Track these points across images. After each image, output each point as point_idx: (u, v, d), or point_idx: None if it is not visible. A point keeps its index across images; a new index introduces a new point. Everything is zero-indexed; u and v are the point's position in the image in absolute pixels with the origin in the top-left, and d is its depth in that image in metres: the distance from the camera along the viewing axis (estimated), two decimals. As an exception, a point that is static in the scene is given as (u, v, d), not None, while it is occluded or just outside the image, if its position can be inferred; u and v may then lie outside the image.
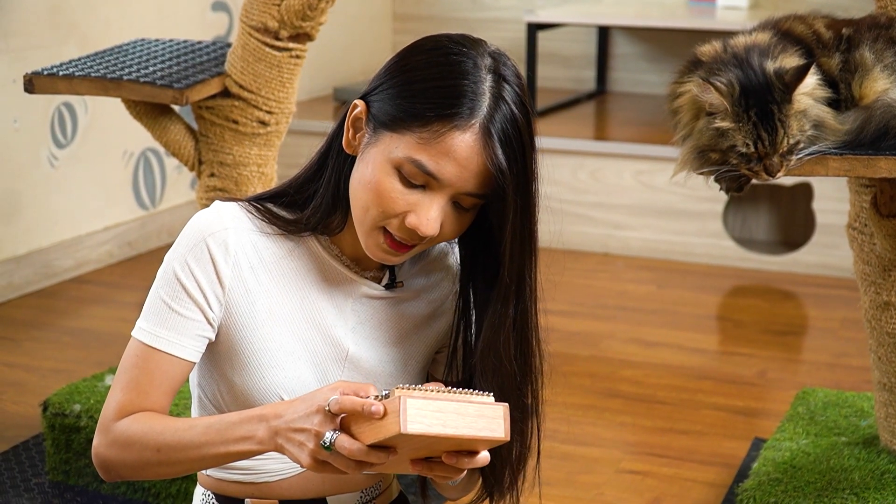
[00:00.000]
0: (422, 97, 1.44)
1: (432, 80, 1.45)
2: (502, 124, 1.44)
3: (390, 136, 1.46)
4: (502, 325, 1.51)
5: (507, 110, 1.45)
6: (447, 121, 1.43)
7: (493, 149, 1.43)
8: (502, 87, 1.45)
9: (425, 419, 1.30)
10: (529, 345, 1.53)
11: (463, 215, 1.49)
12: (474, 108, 1.43)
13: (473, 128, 1.43)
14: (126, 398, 1.50)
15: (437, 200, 1.46)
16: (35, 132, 4.05)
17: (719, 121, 1.95)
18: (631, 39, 5.55)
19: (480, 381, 1.53)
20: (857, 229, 2.39)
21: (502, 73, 1.46)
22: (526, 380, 1.54)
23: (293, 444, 1.38)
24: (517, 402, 1.52)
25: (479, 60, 1.46)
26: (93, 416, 2.70)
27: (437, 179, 1.44)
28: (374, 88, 1.50)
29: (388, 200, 1.46)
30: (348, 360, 1.58)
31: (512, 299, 1.50)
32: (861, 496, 2.33)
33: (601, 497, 2.79)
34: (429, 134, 1.43)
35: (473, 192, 1.46)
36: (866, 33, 2.07)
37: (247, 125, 2.68)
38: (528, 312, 1.52)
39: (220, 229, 1.52)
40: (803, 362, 3.69)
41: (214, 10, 4.82)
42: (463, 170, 1.44)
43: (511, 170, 1.44)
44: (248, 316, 1.53)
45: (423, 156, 1.43)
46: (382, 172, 1.46)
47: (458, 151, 1.43)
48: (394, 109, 1.46)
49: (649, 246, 4.59)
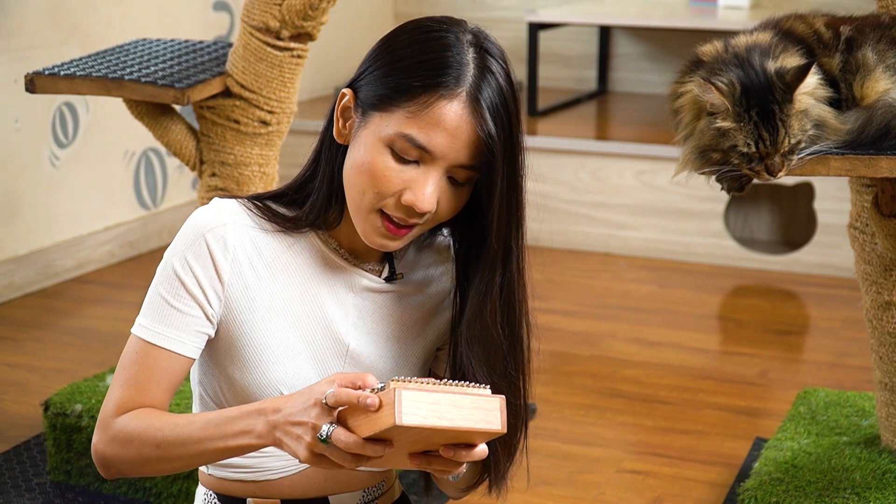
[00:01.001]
0: (408, 72, 1.46)
1: (416, 55, 1.47)
2: (489, 93, 1.46)
3: (380, 116, 1.47)
4: (489, 292, 1.52)
5: (493, 81, 1.47)
6: (433, 90, 1.44)
7: (482, 116, 1.45)
8: (486, 59, 1.47)
9: (420, 411, 1.29)
10: (516, 314, 1.54)
11: (457, 191, 1.50)
12: (459, 76, 1.45)
13: (461, 96, 1.45)
14: (125, 395, 1.50)
15: (431, 175, 1.47)
16: (36, 132, 4.05)
17: (720, 121, 1.95)
18: (632, 39, 5.55)
19: (466, 349, 1.53)
20: (859, 229, 2.39)
21: (485, 46, 1.49)
22: (512, 349, 1.55)
23: (291, 437, 1.38)
24: (503, 373, 1.53)
25: (460, 35, 1.48)
26: (94, 415, 2.70)
27: (429, 152, 1.45)
28: (360, 74, 1.53)
29: (382, 180, 1.47)
30: (349, 355, 1.58)
31: (499, 267, 1.52)
32: (862, 496, 2.33)
33: (602, 497, 2.79)
34: (417, 106, 1.45)
35: (466, 164, 1.47)
36: (868, 33, 2.07)
37: (248, 125, 2.69)
38: (514, 282, 1.53)
39: (219, 225, 1.52)
40: (805, 362, 3.69)
41: (216, 10, 4.82)
42: (454, 139, 1.45)
43: (499, 136, 1.46)
44: (247, 312, 1.53)
45: (414, 129, 1.45)
46: (375, 152, 1.47)
47: (448, 121, 1.44)
48: (381, 89, 1.48)
49: (650, 246, 4.59)
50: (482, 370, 1.52)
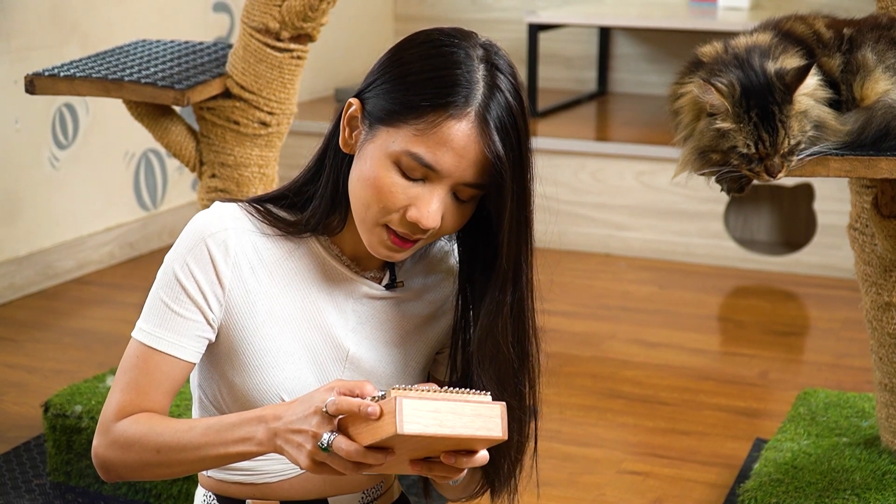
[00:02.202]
0: (416, 89, 1.45)
1: (425, 71, 1.46)
2: (498, 112, 1.45)
3: (387, 131, 1.46)
4: (500, 311, 1.51)
5: (501, 98, 1.45)
6: (442, 110, 1.43)
7: (490, 136, 1.44)
8: (496, 76, 1.46)
9: (421, 419, 1.29)
10: (526, 332, 1.54)
11: (463, 207, 1.50)
12: (469, 96, 1.44)
13: (469, 116, 1.44)
14: (126, 399, 1.50)
15: (436, 193, 1.46)
16: (36, 133, 4.05)
17: (720, 122, 1.95)
18: (632, 40, 5.55)
19: (478, 368, 1.53)
20: (859, 230, 2.39)
21: (495, 62, 1.47)
22: (523, 367, 1.55)
23: (292, 445, 1.38)
24: (514, 390, 1.53)
25: (471, 51, 1.47)
26: (94, 417, 2.70)
27: (435, 171, 1.45)
28: (368, 86, 1.51)
29: (388, 195, 1.46)
30: (349, 361, 1.58)
31: (509, 286, 1.51)
32: (862, 497, 2.33)
33: (603, 498, 2.79)
34: (424, 125, 1.44)
35: (472, 182, 1.46)
36: (868, 34, 2.07)
37: (248, 126, 2.69)
38: (524, 300, 1.53)
39: (220, 230, 1.52)
40: (805, 363, 3.69)
41: (216, 11, 4.82)
42: (461, 159, 1.44)
43: (508, 157, 1.45)
44: (248, 316, 1.53)
45: (421, 148, 1.44)
46: (381, 168, 1.46)
47: (455, 140, 1.43)
48: (389, 104, 1.46)
49: (651, 247, 4.59)
50: (493, 388, 1.51)
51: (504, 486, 1.57)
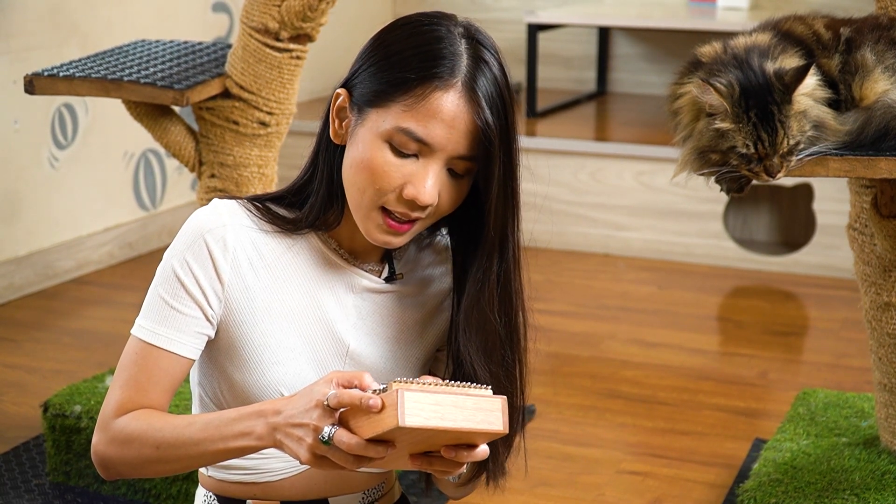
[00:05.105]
0: (401, 65, 1.47)
1: (409, 49, 1.48)
2: (484, 82, 1.47)
3: (376, 112, 1.48)
4: (486, 280, 1.53)
5: (487, 71, 1.47)
6: (428, 82, 1.45)
7: (479, 104, 1.45)
8: (479, 50, 1.48)
9: (423, 412, 1.30)
10: (513, 303, 1.55)
11: (458, 183, 1.51)
12: (454, 67, 1.46)
13: (456, 86, 1.45)
14: (125, 395, 1.51)
15: (431, 167, 1.47)
16: (35, 133, 4.05)
17: (719, 122, 1.95)
18: (631, 40, 5.55)
19: (464, 337, 1.54)
20: (858, 230, 2.39)
21: (476, 37, 1.50)
22: (510, 338, 1.55)
23: (292, 439, 1.38)
24: (500, 361, 1.54)
25: (451, 28, 1.49)
26: (93, 417, 2.70)
27: (427, 144, 1.46)
28: (354, 73, 1.53)
29: (382, 175, 1.47)
30: (349, 356, 1.58)
31: (496, 255, 1.53)
32: (862, 497, 2.33)
33: (602, 498, 2.79)
34: (413, 99, 1.45)
35: (464, 154, 1.47)
36: (867, 34, 2.07)
37: (247, 126, 2.69)
38: (510, 272, 1.54)
39: (219, 226, 1.52)
40: (804, 363, 3.69)
41: (215, 11, 4.82)
42: (451, 130, 1.45)
43: (496, 126, 1.46)
44: (247, 312, 1.53)
45: (411, 122, 1.45)
46: (374, 148, 1.47)
47: (445, 111, 1.45)
48: (376, 85, 1.48)
49: (650, 247, 4.59)
50: (480, 359, 1.53)
51: (499, 469, 1.57)
